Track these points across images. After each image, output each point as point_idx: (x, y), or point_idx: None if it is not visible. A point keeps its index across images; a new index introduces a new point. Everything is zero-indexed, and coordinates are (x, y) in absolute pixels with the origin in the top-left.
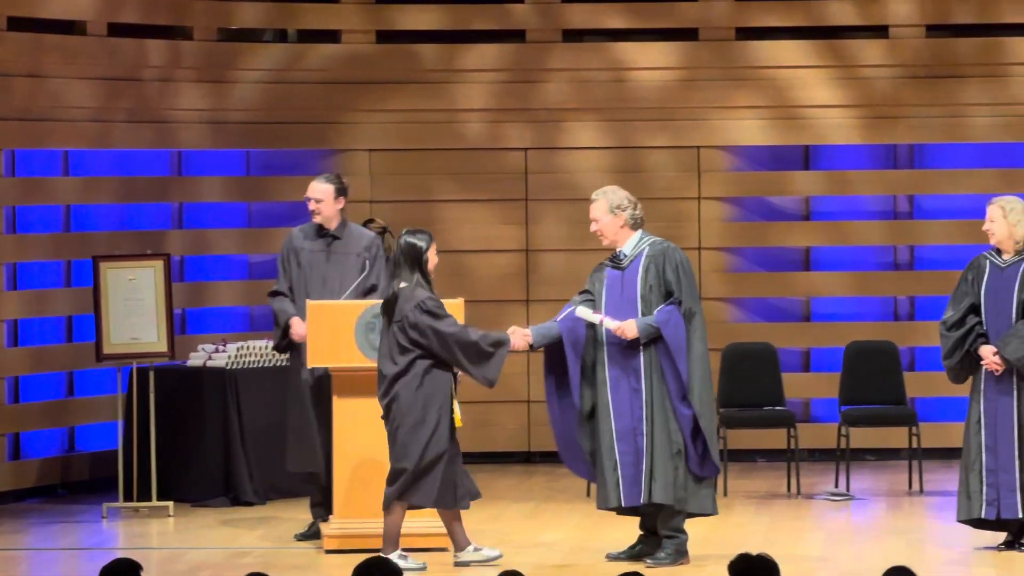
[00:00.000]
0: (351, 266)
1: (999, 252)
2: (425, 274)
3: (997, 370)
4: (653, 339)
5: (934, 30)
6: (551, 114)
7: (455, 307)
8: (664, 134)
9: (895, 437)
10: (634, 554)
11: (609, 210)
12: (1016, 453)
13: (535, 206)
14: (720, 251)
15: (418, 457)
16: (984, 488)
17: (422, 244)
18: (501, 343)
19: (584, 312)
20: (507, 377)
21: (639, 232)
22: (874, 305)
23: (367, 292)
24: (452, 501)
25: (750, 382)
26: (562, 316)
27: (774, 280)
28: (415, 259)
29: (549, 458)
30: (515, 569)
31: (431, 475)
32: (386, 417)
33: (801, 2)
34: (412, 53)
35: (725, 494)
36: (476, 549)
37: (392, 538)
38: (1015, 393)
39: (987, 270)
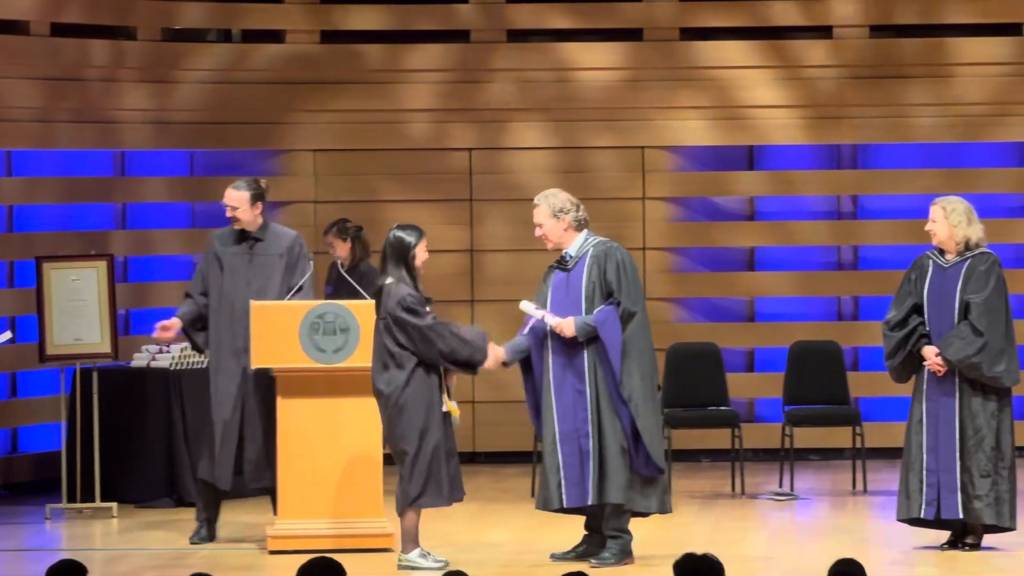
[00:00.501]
0: (274, 267)
1: (942, 252)
2: (411, 270)
3: (939, 371)
4: (593, 339)
5: (878, 30)
6: (495, 114)
7: None
8: (608, 134)
9: (839, 437)
10: (579, 554)
11: (552, 214)
12: (957, 454)
13: (479, 206)
14: (664, 251)
15: (410, 461)
16: (924, 488)
17: (411, 240)
18: (480, 334)
19: (527, 306)
20: None
21: (584, 233)
22: (818, 305)
23: (292, 292)
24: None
25: (694, 382)
26: (527, 329)
27: (718, 280)
28: (402, 254)
29: (494, 458)
30: (460, 570)
31: (436, 475)
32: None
33: (745, 2)
34: (356, 53)
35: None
36: (423, 554)
37: (411, 536)
38: (957, 394)
39: (930, 270)
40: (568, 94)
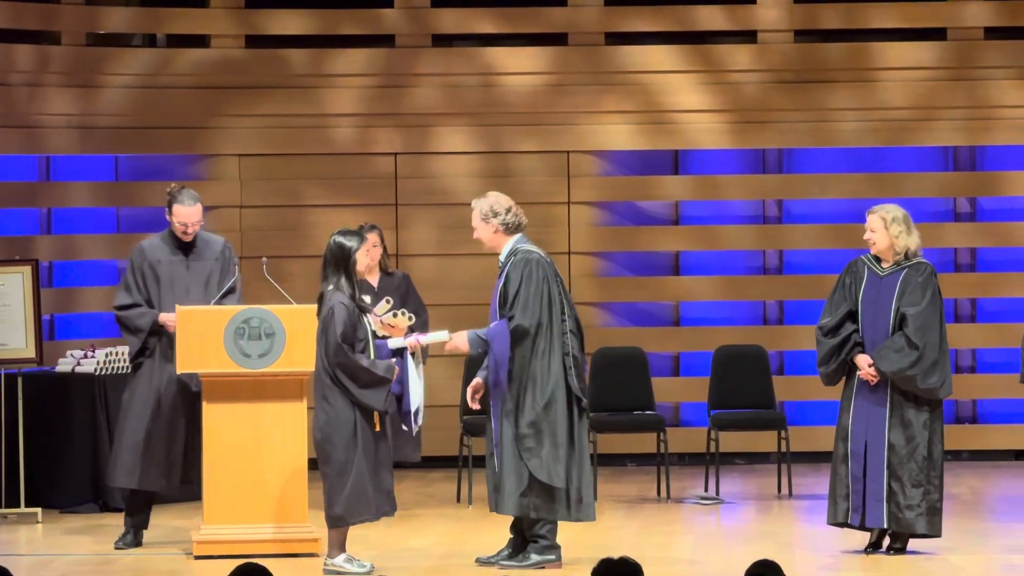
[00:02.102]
0: (211, 273)
1: (878, 260)
2: (351, 276)
3: (872, 381)
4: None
5: (802, 35)
6: (421, 119)
7: (313, 313)
8: (534, 139)
9: (764, 441)
10: (503, 558)
11: (481, 218)
12: (884, 463)
13: (405, 211)
14: (590, 256)
15: (334, 467)
16: (850, 494)
17: (351, 245)
18: (386, 378)
19: (435, 337)
20: None
21: (515, 238)
22: (743, 309)
23: (226, 296)
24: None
25: (620, 387)
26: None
27: (644, 284)
28: (342, 260)
29: (419, 464)
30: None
31: (347, 487)
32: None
33: (670, 7)
34: (281, 58)
35: (595, 499)
36: (348, 559)
37: (337, 542)
38: (888, 404)
39: (865, 277)
40: (493, 98)
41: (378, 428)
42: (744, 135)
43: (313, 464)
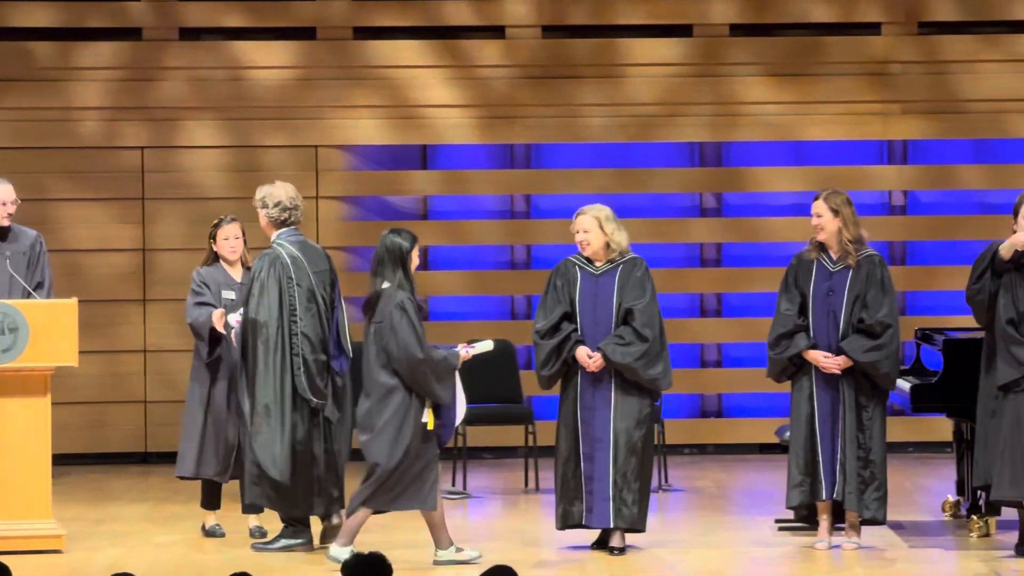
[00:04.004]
0: (21, 265)
1: (590, 260)
2: (408, 274)
3: (593, 368)
4: None
5: (550, 31)
6: (168, 113)
7: (68, 308)
8: (282, 133)
9: (511, 435)
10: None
11: (258, 206)
12: (611, 461)
13: (152, 205)
14: (339, 250)
15: (387, 460)
16: (584, 495)
17: (406, 244)
18: (455, 370)
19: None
20: (123, 377)
21: (278, 232)
22: (491, 304)
23: (36, 288)
24: (418, 503)
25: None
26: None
27: None
28: (399, 259)
29: (166, 458)
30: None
31: (397, 480)
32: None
33: (418, 2)
34: (26, 50)
35: (465, 489)
36: (458, 549)
37: (350, 533)
38: (612, 398)
39: (579, 277)
40: (241, 93)
41: (431, 426)
42: (492, 130)
43: (63, 460)
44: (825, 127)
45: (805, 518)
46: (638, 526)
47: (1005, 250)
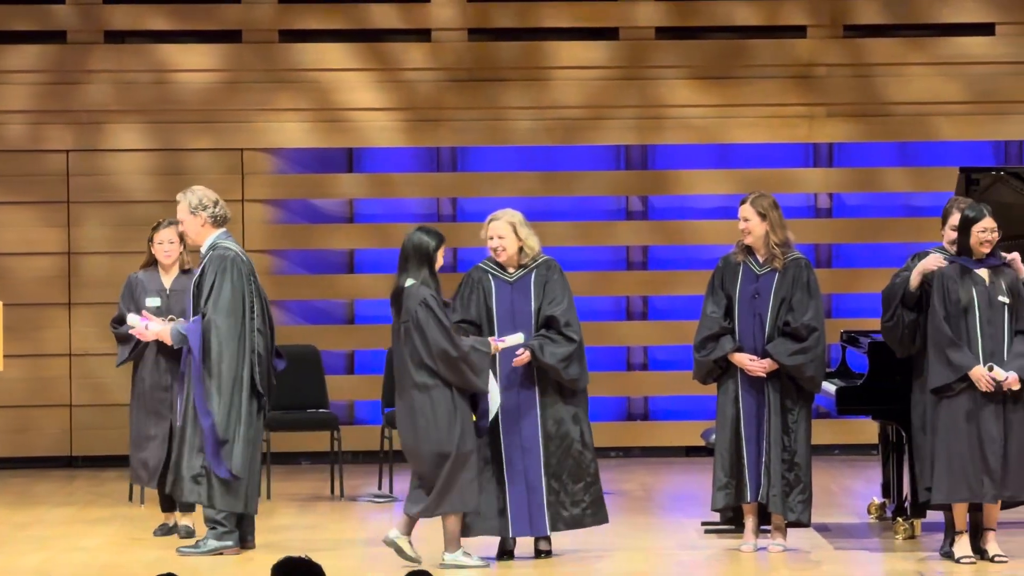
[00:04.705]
0: None
1: (500, 266)
2: (433, 272)
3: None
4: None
5: (476, 34)
6: (93, 116)
7: None
8: (207, 136)
9: None
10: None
11: (190, 210)
12: (542, 461)
13: (77, 208)
14: (264, 253)
15: (433, 463)
16: (509, 504)
17: (433, 242)
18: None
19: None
20: (49, 381)
21: (217, 232)
22: None
23: None
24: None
25: (294, 385)
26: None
27: (318, 282)
28: (425, 257)
29: (92, 462)
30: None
31: (471, 477)
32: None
33: (344, 5)
34: None
35: (269, 497)
36: (465, 553)
37: (455, 538)
38: (538, 398)
39: (492, 284)
40: (166, 95)
41: (475, 418)
42: (418, 133)
43: None
44: (751, 130)
45: (731, 520)
46: (583, 525)
47: (914, 278)
